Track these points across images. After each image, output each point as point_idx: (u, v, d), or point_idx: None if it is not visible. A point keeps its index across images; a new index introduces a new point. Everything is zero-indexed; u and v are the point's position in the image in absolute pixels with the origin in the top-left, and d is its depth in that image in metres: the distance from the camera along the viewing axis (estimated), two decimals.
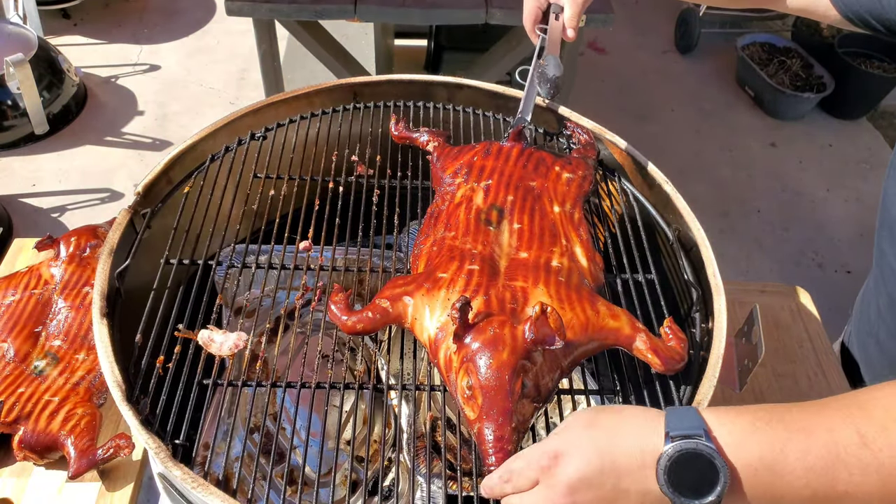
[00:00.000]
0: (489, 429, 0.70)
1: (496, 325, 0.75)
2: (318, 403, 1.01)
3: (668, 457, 0.59)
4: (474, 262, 0.86)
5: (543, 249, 0.90)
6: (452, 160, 1.07)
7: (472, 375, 0.72)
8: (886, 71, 3.48)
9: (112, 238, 0.98)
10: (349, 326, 0.83)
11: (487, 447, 0.70)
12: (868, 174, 3.33)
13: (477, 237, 0.91)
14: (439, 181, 1.06)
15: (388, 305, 0.83)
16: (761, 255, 2.92)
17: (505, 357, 0.72)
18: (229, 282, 1.02)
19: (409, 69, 2.89)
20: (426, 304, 0.82)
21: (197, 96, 3.46)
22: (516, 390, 0.71)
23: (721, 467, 0.58)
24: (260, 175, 1.10)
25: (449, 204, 0.99)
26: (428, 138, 1.14)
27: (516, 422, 0.70)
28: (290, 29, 2.44)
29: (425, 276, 0.85)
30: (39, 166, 3.01)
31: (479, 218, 0.95)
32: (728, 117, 3.61)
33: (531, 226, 0.94)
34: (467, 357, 0.74)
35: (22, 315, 1.17)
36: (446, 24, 2.36)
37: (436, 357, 0.80)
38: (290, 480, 0.99)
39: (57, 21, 3.79)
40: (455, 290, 0.82)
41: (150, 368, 0.84)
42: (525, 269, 0.86)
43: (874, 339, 1.15)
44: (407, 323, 0.84)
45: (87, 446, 1.02)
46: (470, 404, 0.72)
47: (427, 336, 0.81)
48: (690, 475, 0.58)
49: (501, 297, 0.81)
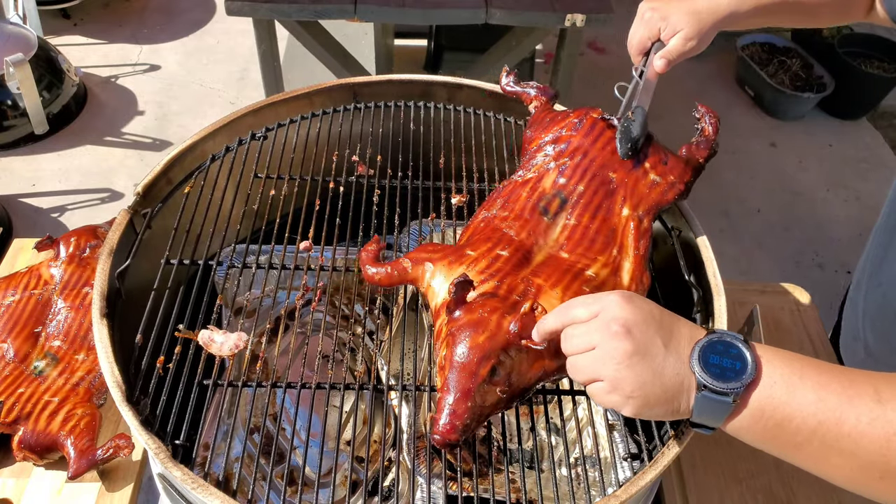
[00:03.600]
0: (446, 401, 0.72)
1: (487, 308, 0.76)
2: (318, 404, 1.01)
3: (708, 339, 0.65)
4: (507, 249, 0.85)
5: (587, 255, 0.87)
6: (542, 130, 1.02)
7: (448, 349, 0.74)
8: (886, 71, 3.48)
9: (112, 238, 0.97)
10: (369, 276, 0.87)
11: (439, 416, 0.72)
12: (868, 174, 3.33)
13: (526, 224, 0.90)
14: (524, 152, 1.02)
15: (409, 266, 0.86)
16: (761, 255, 2.92)
17: (481, 340, 0.73)
18: (229, 282, 1.02)
19: (409, 69, 2.89)
20: (444, 273, 0.84)
21: (197, 96, 3.46)
22: (481, 374, 0.72)
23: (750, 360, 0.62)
24: (260, 175, 1.10)
25: (519, 179, 0.96)
26: (534, 95, 1.10)
27: (473, 403, 0.72)
28: (290, 29, 2.44)
29: (454, 250, 0.86)
30: (39, 166, 3.01)
31: (538, 205, 0.92)
32: (728, 117, 3.61)
33: (587, 226, 0.90)
34: (451, 331, 0.75)
35: (22, 315, 1.17)
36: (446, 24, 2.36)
37: (434, 323, 0.82)
38: (290, 481, 0.99)
39: (57, 21, 3.79)
40: (475, 269, 0.82)
41: (151, 369, 0.84)
42: (555, 269, 0.84)
43: (862, 344, 1.15)
44: (422, 287, 0.85)
45: (87, 446, 1.02)
46: (440, 374, 0.75)
47: (434, 304, 0.83)
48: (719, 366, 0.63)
49: (512, 287, 0.80)
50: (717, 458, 1.15)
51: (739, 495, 1.11)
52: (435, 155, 1.16)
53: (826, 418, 0.60)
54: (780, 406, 0.61)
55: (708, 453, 1.15)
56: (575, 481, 0.95)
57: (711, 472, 1.14)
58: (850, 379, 0.61)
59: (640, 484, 0.77)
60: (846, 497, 1.12)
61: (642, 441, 0.85)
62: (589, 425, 0.94)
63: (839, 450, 0.60)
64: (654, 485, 0.91)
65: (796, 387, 0.61)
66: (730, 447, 1.17)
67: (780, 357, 0.64)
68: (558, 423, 1.04)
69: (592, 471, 0.95)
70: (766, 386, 0.62)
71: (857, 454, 0.59)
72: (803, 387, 0.61)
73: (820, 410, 0.60)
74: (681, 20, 1.01)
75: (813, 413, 0.60)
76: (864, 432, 0.59)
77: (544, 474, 0.99)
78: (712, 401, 0.62)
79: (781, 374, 0.62)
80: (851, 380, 0.61)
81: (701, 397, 0.63)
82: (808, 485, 1.13)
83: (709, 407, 0.63)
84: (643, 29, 1.05)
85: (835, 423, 0.59)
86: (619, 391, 0.64)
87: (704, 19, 1.00)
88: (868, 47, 3.55)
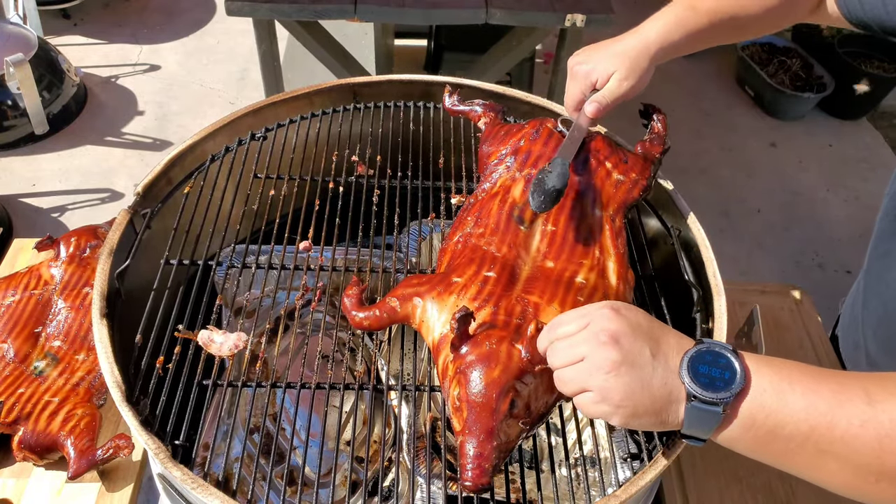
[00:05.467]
0: (470, 444, 0.68)
1: (494, 339, 0.73)
2: (318, 404, 1.01)
3: (697, 349, 0.64)
4: (493, 269, 0.83)
5: (572, 261, 0.86)
6: (498, 143, 1.01)
7: (462, 388, 0.71)
8: (886, 71, 3.48)
9: (112, 238, 0.97)
10: (356, 322, 0.83)
11: (466, 461, 0.68)
12: (868, 174, 3.33)
13: (504, 237, 0.87)
14: (483, 167, 1.01)
15: (397, 305, 0.82)
16: (761, 255, 2.92)
17: (496, 375, 0.70)
18: (229, 282, 1.02)
19: (409, 69, 2.89)
20: (435, 307, 0.80)
21: (197, 96, 3.46)
22: (502, 409, 0.69)
23: (738, 370, 0.62)
24: (260, 175, 1.10)
25: (485, 195, 0.94)
26: (481, 112, 1.08)
27: (499, 441, 0.69)
28: (290, 29, 2.44)
29: (440, 279, 0.83)
30: (39, 166, 3.01)
31: (512, 214, 0.90)
32: (728, 117, 3.61)
33: (566, 231, 0.89)
34: (460, 368, 0.72)
35: (22, 315, 1.17)
36: (446, 24, 2.36)
37: (435, 362, 0.79)
38: (289, 481, 0.99)
39: (57, 21, 3.79)
40: (466, 296, 0.80)
41: (150, 369, 0.84)
42: (545, 282, 0.82)
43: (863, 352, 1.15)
44: (414, 324, 0.83)
45: (87, 447, 1.02)
46: (457, 416, 0.71)
47: (431, 339, 0.80)
48: (708, 375, 0.62)
49: (510, 310, 0.78)
50: (716, 458, 1.15)
51: (739, 494, 1.11)
52: (435, 155, 1.16)
53: (818, 423, 0.59)
54: (772, 414, 0.61)
55: (708, 453, 1.15)
56: (575, 481, 0.95)
57: (711, 471, 1.14)
58: (839, 382, 0.61)
59: (640, 484, 0.77)
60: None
61: (642, 441, 0.85)
62: (589, 425, 0.94)
63: (833, 454, 0.60)
64: (654, 485, 0.91)
65: (786, 393, 0.61)
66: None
67: (768, 365, 0.63)
68: (558, 424, 1.04)
69: (592, 471, 0.95)
70: (756, 394, 0.61)
71: (851, 458, 0.59)
72: (793, 393, 0.61)
73: (811, 416, 0.60)
74: (611, 63, 0.98)
75: (804, 419, 0.60)
76: (857, 435, 0.58)
77: (544, 474, 0.99)
78: (702, 411, 0.62)
79: (770, 382, 0.62)
80: (841, 383, 0.61)
81: (690, 408, 0.63)
82: (808, 483, 1.13)
83: (698, 417, 0.63)
84: (574, 84, 1.02)
85: (827, 428, 0.59)
86: (608, 401, 0.64)
87: (635, 57, 0.98)
88: (868, 47, 3.55)
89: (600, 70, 0.99)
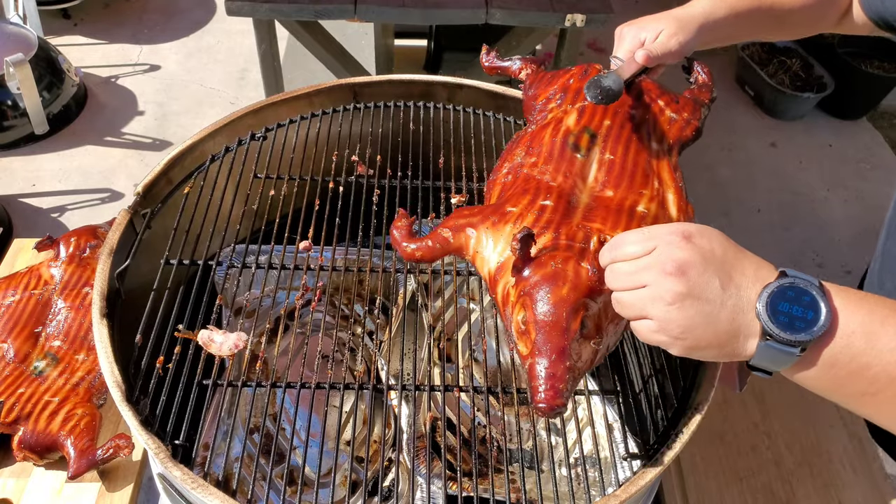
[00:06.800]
0: (541, 364, 0.65)
1: (559, 259, 0.70)
2: (318, 404, 1.01)
3: (779, 283, 0.59)
4: (549, 198, 0.79)
5: (632, 190, 0.82)
6: (546, 85, 0.99)
7: (528, 310, 0.68)
8: (886, 71, 3.48)
9: (112, 238, 0.98)
10: (408, 253, 0.81)
11: (538, 383, 0.65)
12: (868, 174, 3.33)
13: (560, 166, 0.84)
14: (530, 110, 0.98)
15: (450, 235, 0.79)
16: (761, 254, 2.89)
17: (564, 293, 0.67)
18: (229, 282, 1.02)
19: (409, 69, 2.89)
20: (490, 237, 0.78)
21: (197, 96, 3.46)
22: (573, 328, 0.66)
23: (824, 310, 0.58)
24: (260, 175, 1.10)
25: (535, 127, 0.91)
26: (521, 65, 1.07)
27: (571, 361, 0.65)
28: (290, 29, 2.44)
29: (492, 209, 0.80)
30: (39, 166, 3.00)
31: (567, 142, 0.86)
32: (728, 117, 3.61)
33: (624, 159, 0.85)
34: (524, 291, 0.69)
35: (22, 315, 1.17)
36: (446, 24, 2.36)
37: (494, 291, 0.76)
38: (289, 481, 0.99)
39: (57, 21, 3.79)
40: (523, 225, 0.76)
41: (150, 369, 0.84)
42: (605, 211, 0.79)
43: None
44: (468, 255, 0.80)
45: (87, 446, 1.02)
46: (523, 339, 0.68)
47: (487, 270, 0.77)
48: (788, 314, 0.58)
49: (572, 236, 0.74)
50: (716, 457, 1.15)
51: (739, 494, 1.11)
52: (435, 155, 1.17)
53: None
54: (857, 356, 0.57)
55: (708, 452, 1.15)
56: (575, 481, 0.95)
57: (711, 471, 1.14)
58: None
59: (640, 484, 0.77)
60: (846, 495, 1.12)
61: (642, 441, 0.85)
62: (589, 425, 0.94)
63: None
64: (654, 485, 0.91)
65: (877, 335, 0.57)
66: (729, 446, 1.17)
67: (859, 303, 0.59)
68: (558, 423, 1.04)
69: (592, 471, 0.95)
70: (842, 336, 0.57)
71: None
72: (885, 334, 0.57)
73: None
74: (659, 23, 0.99)
75: (892, 361, 0.56)
76: None
77: (544, 474, 0.99)
78: (776, 350, 0.58)
79: (861, 323, 0.57)
80: None
81: (764, 346, 0.58)
82: (808, 483, 1.13)
83: (771, 356, 0.59)
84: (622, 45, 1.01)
85: None
86: (666, 332, 0.61)
87: (684, 19, 0.99)
88: (868, 47, 3.55)
89: (649, 28, 0.99)
